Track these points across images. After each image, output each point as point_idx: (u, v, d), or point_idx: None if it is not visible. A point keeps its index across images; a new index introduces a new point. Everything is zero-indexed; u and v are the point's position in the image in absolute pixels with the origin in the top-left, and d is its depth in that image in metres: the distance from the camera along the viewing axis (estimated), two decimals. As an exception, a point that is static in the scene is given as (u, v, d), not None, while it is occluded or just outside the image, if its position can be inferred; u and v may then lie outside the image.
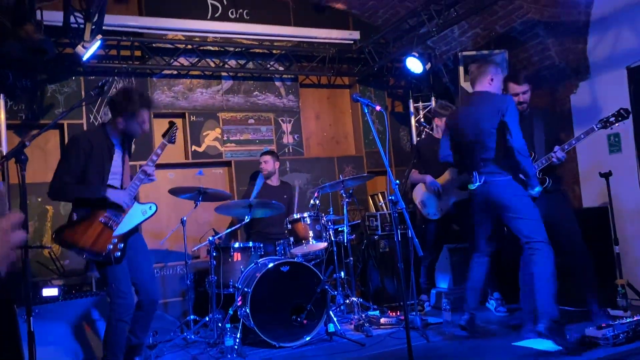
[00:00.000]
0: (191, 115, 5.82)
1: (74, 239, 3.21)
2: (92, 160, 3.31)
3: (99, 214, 3.30)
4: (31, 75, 5.18)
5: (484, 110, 3.78)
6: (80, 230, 3.24)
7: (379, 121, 6.59)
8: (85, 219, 3.28)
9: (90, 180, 3.30)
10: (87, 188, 3.30)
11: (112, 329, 3.29)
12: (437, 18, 5.30)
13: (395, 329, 4.46)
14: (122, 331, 3.31)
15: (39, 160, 5.17)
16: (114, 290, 3.29)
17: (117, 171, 3.45)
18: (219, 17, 5.96)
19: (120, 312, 3.27)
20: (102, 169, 3.34)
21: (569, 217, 4.10)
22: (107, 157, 3.38)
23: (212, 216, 5.56)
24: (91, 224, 3.27)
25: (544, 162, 3.97)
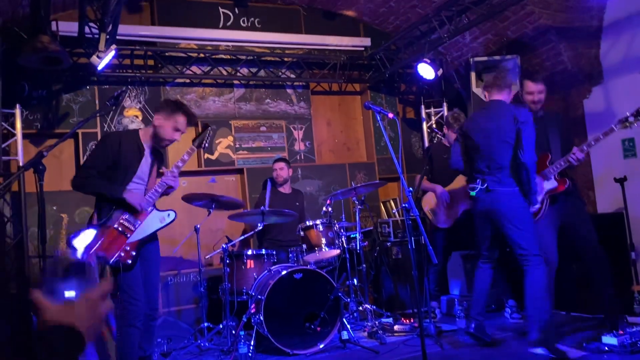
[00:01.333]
0: (204, 123, 5.85)
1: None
2: (119, 159, 3.32)
3: (115, 220, 3.32)
4: (46, 85, 5.26)
5: (502, 120, 3.76)
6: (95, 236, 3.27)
7: (390, 127, 6.60)
8: (100, 228, 3.30)
9: (113, 178, 3.32)
10: (107, 185, 3.30)
11: (124, 335, 3.30)
12: (448, 24, 5.30)
13: (409, 336, 4.44)
14: (134, 336, 3.31)
15: (54, 170, 5.22)
16: (126, 296, 3.30)
17: (142, 177, 3.45)
18: (230, 26, 6.01)
19: (130, 317, 3.28)
20: (126, 169, 3.35)
21: (586, 222, 4.04)
22: (134, 160, 3.39)
23: (225, 224, 5.59)
24: (105, 230, 3.29)
25: (563, 164, 3.89)
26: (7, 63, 4.54)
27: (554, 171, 3.91)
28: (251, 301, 4.32)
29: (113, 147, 3.32)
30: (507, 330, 4.48)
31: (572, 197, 4.02)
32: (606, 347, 3.49)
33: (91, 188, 3.35)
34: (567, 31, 5.37)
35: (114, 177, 3.33)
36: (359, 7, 6.37)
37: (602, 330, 3.81)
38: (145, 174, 3.46)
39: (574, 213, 3.99)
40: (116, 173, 3.33)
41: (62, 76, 5.25)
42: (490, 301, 5.39)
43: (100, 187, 3.31)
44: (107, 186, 3.31)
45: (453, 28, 5.29)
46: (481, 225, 3.99)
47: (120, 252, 3.26)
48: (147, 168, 3.46)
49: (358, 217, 4.99)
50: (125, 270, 3.27)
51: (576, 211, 4.02)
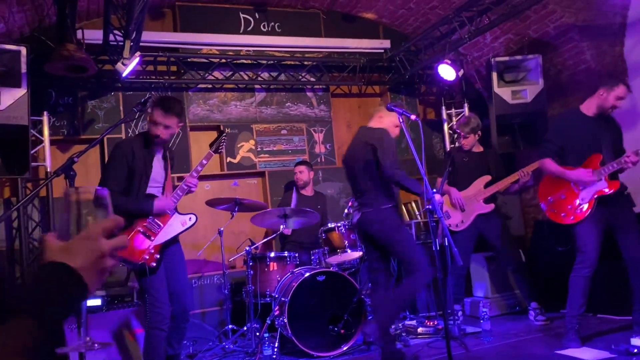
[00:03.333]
0: (226, 127, 5.92)
1: None
2: (135, 166, 3.37)
3: (138, 224, 3.38)
4: (72, 92, 5.36)
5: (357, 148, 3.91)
6: None
7: (412, 129, 6.58)
8: (124, 229, 3.35)
9: (132, 187, 3.37)
10: (134, 203, 3.37)
11: (150, 337, 3.35)
12: (469, 25, 5.28)
13: (433, 338, 4.43)
14: (160, 339, 3.36)
15: (80, 174, 5.23)
16: (151, 299, 3.35)
17: (159, 179, 3.51)
18: (251, 31, 6.07)
19: (157, 320, 3.33)
20: (142, 174, 3.40)
21: (634, 226, 3.94)
22: (148, 162, 3.44)
23: (247, 226, 5.63)
24: (130, 232, 3.34)
25: (616, 165, 3.80)
26: (34, 71, 4.64)
27: (604, 172, 3.83)
28: (275, 303, 4.35)
29: (127, 155, 3.36)
30: (533, 332, 4.44)
31: (622, 200, 3.96)
32: (635, 349, 3.44)
33: (117, 206, 3.37)
34: (589, 29, 5.30)
35: (132, 185, 3.38)
36: (378, 9, 6.38)
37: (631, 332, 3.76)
38: (160, 175, 3.52)
39: (622, 216, 3.91)
40: (133, 180, 3.37)
41: (87, 83, 5.36)
42: (515, 303, 5.36)
43: (126, 205, 3.33)
44: (132, 204, 3.36)
45: (474, 28, 5.27)
46: (363, 242, 4.19)
47: (145, 255, 3.32)
48: (160, 169, 3.53)
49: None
50: (151, 274, 3.32)
51: (624, 215, 3.94)
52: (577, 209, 3.90)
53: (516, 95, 5.68)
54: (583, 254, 3.87)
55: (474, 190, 4.99)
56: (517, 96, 5.68)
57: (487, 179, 4.98)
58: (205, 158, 3.62)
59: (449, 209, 5.04)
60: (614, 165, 3.81)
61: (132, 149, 3.41)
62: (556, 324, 4.63)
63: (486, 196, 4.93)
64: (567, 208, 3.94)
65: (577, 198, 3.92)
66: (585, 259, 3.85)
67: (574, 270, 3.93)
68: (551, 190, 4.08)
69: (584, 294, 3.86)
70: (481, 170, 5.02)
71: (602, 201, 3.87)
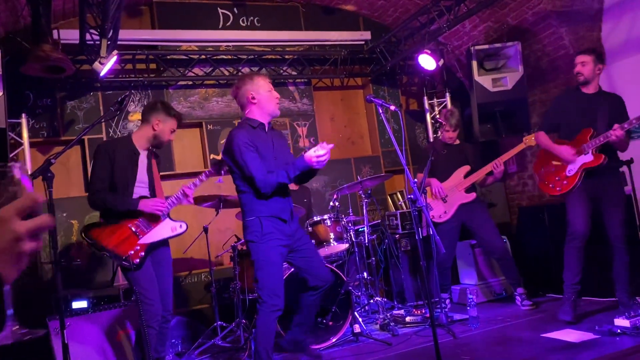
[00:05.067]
0: (208, 124, 5.89)
1: (99, 238, 3.34)
2: (116, 167, 3.43)
3: (128, 221, 3.41)
4: (51, 94, 5.29)
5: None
6: (107, 231, 3.37)
7: (394, 120, 6.60)
8: (114, 223, 3.40)
9: (116, 187, 3.40)
10: (119, 199, 3.41)
11: (142, 335, 3.36)
12: (447, 14, 5.29)
13: (421, 327, 4.46)
14: (151, 337, 3.39)
15: (61, 176, 5.27)
16: (141, 297, 3.38)
17: (143, 179, 3.56)
18: (230, 26, 6.02)
19: (146, 318, 3.35)
20: (125, 175, 3.45)
21: (619, 199, 4.08)
22: (131, 164, 3.49)
23: (233, 222, 5.61)
24: (119, 228, 3.39)
25: (602, 139, 3.92)
26: (11, 73, 4.57)
27: (591, 146, 3.97)
28: (262, 298, 4.34)
29: (108, 157, 3.43)
30: (520, 317, 4.49)
31: (612, 175, 4.07)
32: (619, 329, 3.49)
33: (104, 203, 3.43)
34: (567, 15, 5.34)
35: (115, 185, 3.43)
36: (357, 1, 6.36)
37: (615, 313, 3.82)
38: (144, 176, 3.57)
39: (610, 191, 4.04)
40: (117, 181, 3.43)
41: (65, 84, 5.29)
42: (501, 289, 5.41)
43: (113, 201, 3.40)
44: (119, 200, 3.41)
45: (452, 17, 5.27)
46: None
47: (130, 251, 3.34)
48: (144, 170, 3.57)
49: (365, 211, 5.01)
50: (135, 270, 3.33)
51: (612, 190, 4.06)
52: (564, 180, 4.08)
53: (497, 83, 5.71)
54: (572, 226, 4.05)
55: (454, 181, 5.03)
56: (497, 84, 5.71)
57: (467, 169, 5.03)
58: (205, 175, 3.82)
59: (430, 201, 5.07)
60: (600, 139, 3.93)
61: (114, 150, 3.47)
62: (542, 308, 4.69)
63: (467, 186, 4.97)
64: (555, 179, 4.16)
65: (564, 171, 4.10)
66: (574, 230, 4.03)
67: (566, 242, 4.10)
68: (544, 162, 4.31)
69: (578, 263, 4.02)
70: (460, 162, 5.07)
71: (591, 174, 4.00)
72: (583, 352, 3.29)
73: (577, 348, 3.38)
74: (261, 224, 3.25)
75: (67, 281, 5.02)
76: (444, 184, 5.01)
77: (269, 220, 3.28)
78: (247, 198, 3.36)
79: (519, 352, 3.49)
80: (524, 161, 6.45)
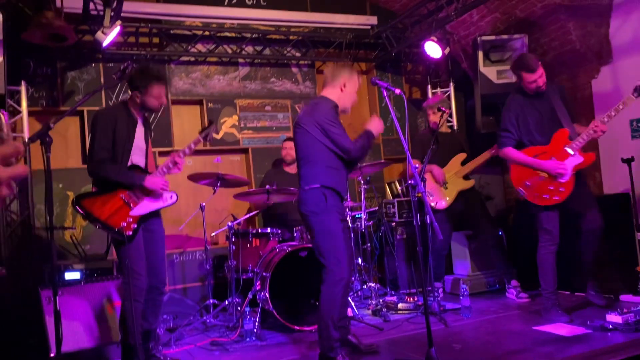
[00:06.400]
0: (209, 102, 5.84)
1: (92, 208, 3.29)
2: (117, 134, 3.38)
3: (121, 191, 3.37)
4: (51, 63, 5.23)
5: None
6: (99, 201, 3.32)
7: (397, 107, 6.55)
8: (107, 192, 3.36)
9: (116, 154, 3.36)
10: (124, 173, 3.37)
11: (127, 309, 3.34)
12: (456, 2, 5.24)
13: (413, 314, 4.47)
14: (137, 311, 3.36)
15: (59, 147, 5.24)
16: (128, 270, 3.34)
17: (141, 146, 3.53)
18: (236, 4, 5.95)
19: (134, 292, 3.32)
20: (124, 143, 3.40)
21: (589, 196, 4.11)
22: (131, 131, 3.45)
23: (230, 202, 5.60)
24: (111, 198, 3.35)
25: (586, 137, 3.85)
26: (11, 40, 4.51)
27: (577, 146, 3.88)
28: (256, 278, 4.34)
29: (110, 122, 3.37)
30: (512, 309, 4.51)
31: (579, 180, 4.01)
32: (610, 325, 3.50)
33: (107, 173, 3.36)
34: (576, 9, 5.28)
35: (116, 153, 3.37)
36: (365, -15, 6.29)
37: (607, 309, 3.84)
38: (142, 142, 3.53)
39: (578, 185, 3.98)
40: (116, 147, 3.37)
41: (67, 53, 5.22)
42: (494, 281, 5.42)
43: (117, 173, 3.35)
44: (124, 174, 3.37)
45: (461, 6, 5.22)
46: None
47: (123, 223, 3.31)
48: (142, 136, 3.54)
49: (363, 197, 5.00)
50: (128, 242, 3.30)
51: (581, 183, 4.03)
52: (560, 187, 3.92)
53: (501, 75, 5.68)
54: (550, 231, 4.00)
55: (452, 168, 5.03)
56: (502, 76, 5.67)
57: (463, 156, 5.04)
58: (194, 142, 3.65)
59: (431, 189, 5.06)
60: (585, 138, 3.87)
61: (114, 117, 3.42)
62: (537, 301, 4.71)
63: (465, 173, 4.97)
64: (549, 189, 3.95)
65: (557, 178, 3.94)
66: (553, 235, 3.99)
67: (541, 248, 4.05)
68: (526, 174, 4.01)
69: (554, 268, 4.00)
70: (455, 149, 5.07)
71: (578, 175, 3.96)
72: (574, 345, 3.29)
73: (568, 342, 3.39)
74: (325, 196, 3.30)
75: (61, 253, 5.02)
76: (444, 169, 5.02)
77: (332, 193, 3.34)
78: (315, 169, 3.35)
79: (510, 343, 3.50)
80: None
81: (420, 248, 3.10)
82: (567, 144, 3.92)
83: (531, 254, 5.35)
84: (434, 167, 5.03)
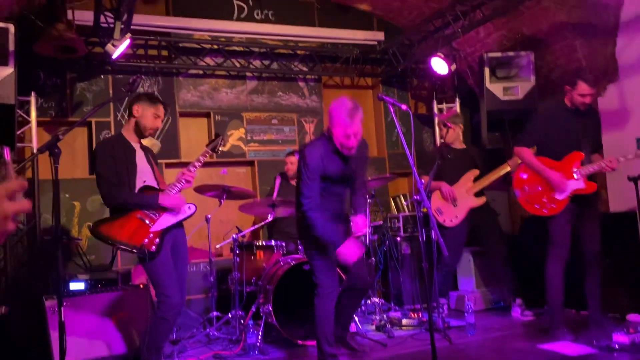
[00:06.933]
0: (216, 114, 5.88)
1: (111, 232, 3.27)
2: (117, 161, 3.38)
3: (137, 212, 3.35)
4: (61, 74, 5.29)
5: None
6: (117, 224, 3.30)
7: (402, 122, 6.57)
8: (122, 214, 3.33)
9: (122, 181, 3.36)
10: (140, 196, 3.37)
11: (153, 325, 3.33)
12: (462, 19, 5.27)
13: (417, 330, 4.44)
14: (163, 329, 3.34)
15: (67, 157, 5.27)
16: (156, 287, 3.33)
17: (146, 171, 3.52)
18: (244, 18, 6.02)
19: (163, 309, 3.30)
20: (128, 167, 3.40)
21: (595, 218, 4.10)
22: (131, 158, 3.46)
23: (235, 214, 5.61)
24: (129, 219, 3.32)
25: (596, 168, 3.93)
26: (23, 51, 4.57)
27: (584, 172, 3.94)
28: (260, 291, 4.33)
29: (108, 150, 3.40)
30: (516, 327, 4.47)
31: (591, 202, 4.05)
32: (617, 345, 3.47)
33: (123, 198, 3.35)
34: (583, 27, 5.31)
35: (121, 179, 3.37)
36: (373, 1, 6.34)
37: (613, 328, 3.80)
38: (146, 165, 3.54)
39: (587, 207, 4.01)
40: (120, 174, 3.37)
41: (77, 65, 5.29)
42: (499, 298, 5.39)
43: (133, 197, 3.35)
44: (138, 196, 3.37)
45: (467, 23, 5.26)
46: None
47: (145, 240, 3.28)
48: (144, 162, 3.55)
49: (368, 211, 4.99)
50: (150, 259, 3.28)
51: (591, 206, 4.05)
52: (552, 203, 3.99)
53: (507, 92, 5.69)
54: (560, 247, 3.99)
55: (463, 185, 5.01)
56: (508, 92, 5.68)
57: (476, 173, 5.01)
58: (202, 155, 3.68)
59: (441, 205, 5.04)
60: (594, 168, 3.93)
61: (111, 145, 3.45)
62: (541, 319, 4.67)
63: (477, 190, 4.95)
64: (542, 201, 4.04)
65: (553, 193, 4.00)
66: (562, 251, 3.98)
67: (550, 264, 4.04)
68: (528, 180, 4.13)
69: (562, 285, 3.98)
70: (467, 166, 5.06)
71: (575, 198, 3.97)
72: (579, 365, 3.26)
73: (574, 361, 3.36)
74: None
75: (66, 263, 5.02)
76: (453, 187, 5.00)
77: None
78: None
79: (515, 361, 3.47)
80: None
81: (425, 264, 3.10)
82: (577, 167, 3.97)
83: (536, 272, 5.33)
84: (442, 184, 5.00)
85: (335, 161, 3.41)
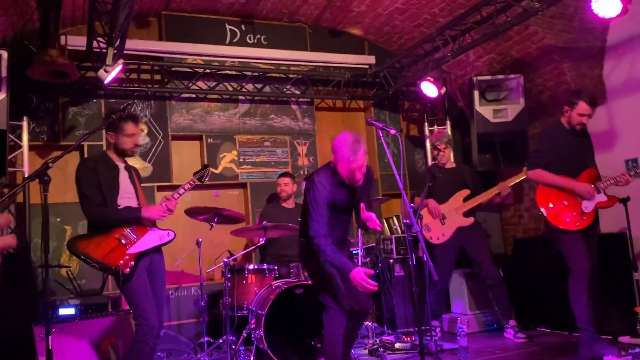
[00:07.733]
0: (208, 137, 5.90)
1: (87, 250, 3.28)
2: (101, 178, 3.40)
3: (115, 232, 3.36)
4: (54, 98, 5.31)
5: None
6: (94, 243, 3.31)
7: (393, 144, 6.62)
8: (101, 233, 3.35)
9: (105, 200, 3.37)
10: (121, 211, 3.39)
11: (132, 348, 3.30)
12: (452, 43, 5.35)
13: (411, 354, 4.41)
14: (142, 352, 3.30)
15: (58, 181, 5.24)
16: (134, 309, 3.32)
17: (129, 190, 3.54)
18: (237, 42, 6.08)
19: (141, 332, 3.28)
20: (111, 187, 3.43)
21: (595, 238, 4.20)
22: (114, 177, 3.48)
23: (227, 238, 5.59)
24: (106, 239, 3.33)
25: (613, 182, 4.05)
26: (15, 76, 4.60)
27: (605, 186, 4.07)
28: (251, 316, 4.30)
29: (89, 168, 3.43)
30: (509, 349, 4.45)
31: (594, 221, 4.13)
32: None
33: (104, 215, 3.37)
34: (570, 51, 5.40)
35: (104, 199, 3.38)
36: (364, 26, 6.43)
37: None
38: (129, 187, 3.55)
39: (590, 236, 4.12)
40: (103, 193, 3.39)
41: (69, 89, 5.31)
42: (492, 320, 5.37)
43: (114, 213, 3.37)
44: (119, 211, 3.39)
45: (457, 47, 5.33)
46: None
47: (120, 261, 3.29)
48: (127, 181, 3.56)
49: (360, 233, 4.99)
50: (124, 281, 3.27)
51: (593, 236, 4.17)
52: (582, 216, 4.07)
53: (497, 114, 5.75)
54: (581, 262, 3.99)
55: (453, 204, 5.05)
56: (498, 115, 5.75)
57: (466, 193, 5.05)
58: (188, 184, 3.68)
59: (429, 222, 5.08)
60: (612, 181, 4.05)
61: (94, 163, 3.48)
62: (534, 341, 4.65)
63: (466, 210, 4.98)
64: (572, 215, 4.09)
65: (580, 206, 4.08)
66: (584, 266, 3.98)
67: (575, 281, 4.01)
68: (552, 197, 4.15)
69: (587, 300, 3.95)
70: (458, 185, 5.10)
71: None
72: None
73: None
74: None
75: (56, 288, 4.98)
76: (442, 206, 5.04)
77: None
78: None
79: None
80: (520, 193, 6.46)
81: (415, 288, 3.09)
82: (595, 182, 4.08)
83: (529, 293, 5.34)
84: (429, 201, 5.06)
85: (342, 192, 3.40)
